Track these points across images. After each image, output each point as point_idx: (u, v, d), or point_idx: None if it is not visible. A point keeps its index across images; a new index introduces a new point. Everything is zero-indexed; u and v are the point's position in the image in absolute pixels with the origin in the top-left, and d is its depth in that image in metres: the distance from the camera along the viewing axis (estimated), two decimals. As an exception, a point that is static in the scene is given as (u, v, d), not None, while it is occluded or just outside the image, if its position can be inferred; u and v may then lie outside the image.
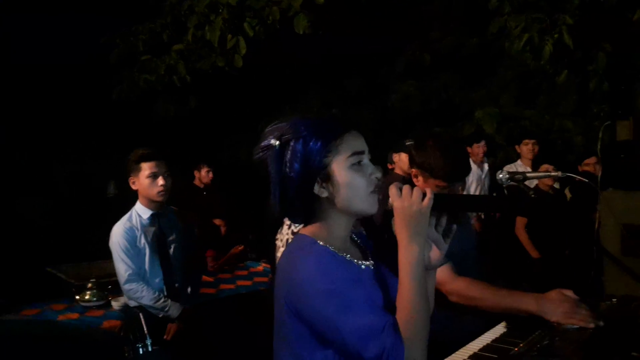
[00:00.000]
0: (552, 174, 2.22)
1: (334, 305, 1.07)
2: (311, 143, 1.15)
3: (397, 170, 4.25)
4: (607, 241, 3.03)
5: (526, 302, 1.75)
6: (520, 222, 4.09)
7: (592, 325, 1.68)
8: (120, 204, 3.11)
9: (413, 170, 2.04)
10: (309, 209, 1.20)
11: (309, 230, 1.21)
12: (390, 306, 1.13)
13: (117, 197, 6.81)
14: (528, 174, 2.09)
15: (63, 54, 7.06)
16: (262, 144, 1.20)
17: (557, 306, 1.70)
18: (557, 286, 1.87)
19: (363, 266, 1.22)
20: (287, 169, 1.16)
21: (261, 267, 3.94)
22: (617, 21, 4.23)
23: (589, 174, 4.12)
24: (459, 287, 1.89)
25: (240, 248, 4.14)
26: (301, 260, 1.14)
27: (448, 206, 1.20)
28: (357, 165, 1.17)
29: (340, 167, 1.16)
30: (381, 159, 4.65)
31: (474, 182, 4.83)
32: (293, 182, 1.16)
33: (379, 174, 1.19)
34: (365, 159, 1.19)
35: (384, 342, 1.03)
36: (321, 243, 1.16)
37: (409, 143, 4.35)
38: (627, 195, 3.12)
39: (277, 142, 1.17)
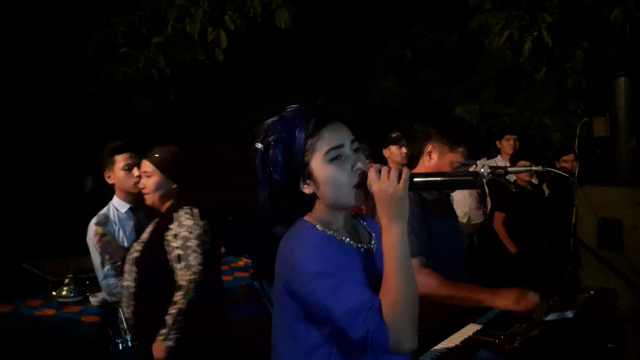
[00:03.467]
0: (533, 168, 2.24)
1: (325, 287, 1.10)
2: (290, 144, 1.18)
3: (391, 165, 4.20)
4: (584, 235, 3.10)
5: (481, 294, 1.87)
6: (499, 217, 4.13)
7: (537, 311, 1.76)
8: (98, 198, 3.06)
9: (429, 146, 2.04)
10: (300, 204, 1.23)
11: (310, 215, 1.24)
12: None
13: (94, 192, 6.69)
14: (509, 169, 2.12)
15: (37, 45, 6.87)
16: (253, 146, 1.24)
17: (507, 295, 1.82)
18: (535, 280, 1.93)
19: (362, 249, 1.25)
20: (272, 171, 1.20)
21: (242, 262, 3.92)
22: (595, 20, 4.30)
23: (566, 171, 4.19)
24: (420, 278, 1.90)
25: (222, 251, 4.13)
26: (298, 243, 1.18)
27: (425, 185, 1.20)
28: (336, 160, 1.18)
29: (318, 164, 1.18)
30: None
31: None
32: (278, 183, 1.20)
33: (361, 165, 1.18)
34: (347, 151, 1.19)
35: (368, 324, 1.07)
36: (319, 227, 1.20)
37: (395, 135, 4.32)
38: (603, 191, 3.19)
39: (261, 145, 1.21)
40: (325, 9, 5.85)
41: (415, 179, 1.15)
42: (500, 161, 4.72)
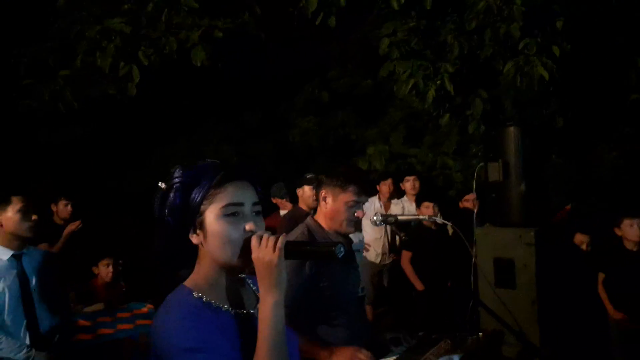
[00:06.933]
0: (420, 217, 2.39)
1: None
2: (191, 189, 1.16)
3: (301, 205, 4.21)
4: (482, 273, 3.27)
5: (320, 352, 1.95)
6: (406, 255, 4.27)
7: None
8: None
9: (322, 192, 2.14)
10: (185, 255, 1.19)
11: (191, 279, 1.19)
12: None
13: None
14: (399, 217, 2.23)
15: None
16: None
17: (342, 354, 1.91)
18: (439, 317, 2.04)
19: (242, 315, 1.19)
20: (167, 213, 1.17)
21: (146, 308, 3.71)
22: (491, 72, 4.67)
23: (468, 210, 4.43)
24: None
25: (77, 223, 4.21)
26: (170, 314, 1.12)
27: (303, 253, 1.21)
28: (231, 216, 1.15)
29: (212, 216, 1.15)
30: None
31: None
32: (169, 226, 1.17)
33: (253, 227, 1.16)
34: (246, 211, 1.17)
35: None
36: (195, 295, 1.14)
37: (310, 176, 4.38)
38: (498, 231, 3.41)
39: (164, 186, 1.19)
40: (244, 48, 5.90)
41: (292, 247, 1.15)
42: (406, 201, 4.95)
